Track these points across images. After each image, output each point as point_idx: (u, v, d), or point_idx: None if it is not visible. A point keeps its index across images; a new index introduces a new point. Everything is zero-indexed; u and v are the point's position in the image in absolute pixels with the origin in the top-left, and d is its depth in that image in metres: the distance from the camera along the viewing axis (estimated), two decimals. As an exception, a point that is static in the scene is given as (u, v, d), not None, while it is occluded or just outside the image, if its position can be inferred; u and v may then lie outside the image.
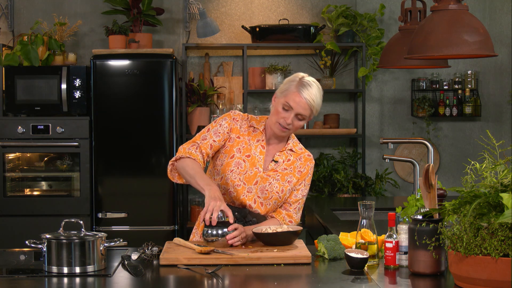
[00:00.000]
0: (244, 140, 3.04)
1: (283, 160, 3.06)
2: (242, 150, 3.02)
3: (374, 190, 5.78)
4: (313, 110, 2.94)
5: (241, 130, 3.06)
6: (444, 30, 3.01)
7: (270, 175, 3.02)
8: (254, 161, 3.01)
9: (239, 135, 3.05)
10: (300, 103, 2.91)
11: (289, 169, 3.06)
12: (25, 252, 2.97)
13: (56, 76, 5.29)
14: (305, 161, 3.10)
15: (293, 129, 2.99)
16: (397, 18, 5.38)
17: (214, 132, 3.03)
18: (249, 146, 3.03)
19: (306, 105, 2.91)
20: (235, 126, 3.05)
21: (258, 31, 5.72)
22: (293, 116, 2.93)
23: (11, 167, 5.37)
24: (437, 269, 2.42)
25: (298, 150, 3.10)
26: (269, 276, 2.52)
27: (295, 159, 3.08)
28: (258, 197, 3.01)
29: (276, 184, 3.02)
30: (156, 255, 2.73)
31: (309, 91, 2.92)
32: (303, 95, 2.91)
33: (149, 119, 5.25)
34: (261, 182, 3.01)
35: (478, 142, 5.61)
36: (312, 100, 2.92)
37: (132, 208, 5.25)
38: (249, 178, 3.00)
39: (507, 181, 2.23)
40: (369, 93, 6.05)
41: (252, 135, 3.05)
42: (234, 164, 3.00)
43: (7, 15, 5.82)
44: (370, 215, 2.67)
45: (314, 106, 2.93)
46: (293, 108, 2.92)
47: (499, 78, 6.07)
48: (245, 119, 3.09)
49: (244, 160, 3.01)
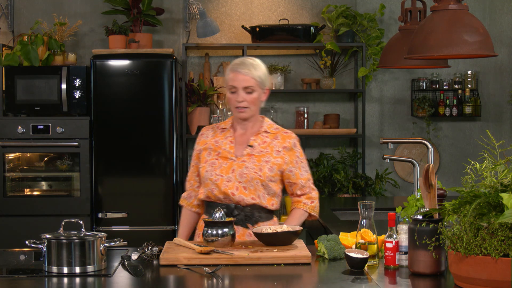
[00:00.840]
0: (211, 142, 3.18)
1: (259, 143, 3.14)
2: (212, 152, 3.15)
3: (374, 190, 5.78)
4: (255, 78, 3.08)
5: (207, 138, 3.21)
6: (444, 30, 3.01)
7: (245, 160, 3.10)
8: (226, 155, 3.12)
9: (206, 142, 3.20)
10: (238, 78, 3.08)
11: (265, 150, 3.12)
12: (25, 252, 2.97)
13: (56, 76, 5.28)
14: (283, 138, 3.17)
15: (251, 105, 3.10)
16: (397, 18, 5.38)
17: (192, 159, 3.27)
18: (217, 146, 3.16)
19: (245, 77, 3.07)
20: (202, 140, 3.23)
21: (258, 31, 5.72)
22: (242, 93, 3.08)
23: (11, 167, 5.37)
24: (437, 269, 2.42)
25: (274, 131, 3.19)
26: (269, 276, 2.52)
27: (271, 140, 3.16)
28: (239, 182, 3.06)
29: (253, 166, 3.08)
30: (156, 255, 2.73)
31: (243, 65, 3.10)
32: (238, 70, 3.09)
33: (149, 119, 5.25)
34: (238, 168, 3.08)
35: (478, 142, 5.61)
36: (248, 69, 3.08)
37: (132, 208, 5.25)
38: (224, 169, 3.09)
39: (507, 181, 2.23)
40: (369, 93, 6.05)
41: (220, 135, 3.19)
42: (209, 165, 3.13)
43: (7, 15, 5.82)
44: (370, 215, 2.67)
45: (254, 74, 3.08)
46: (236, 86, 3.08)
47: (499, 78, 6.07)
48: (212, 127, 3.27)
49: (216, 159, 3.13)
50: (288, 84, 5.99)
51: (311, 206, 3.17)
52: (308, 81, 5.88)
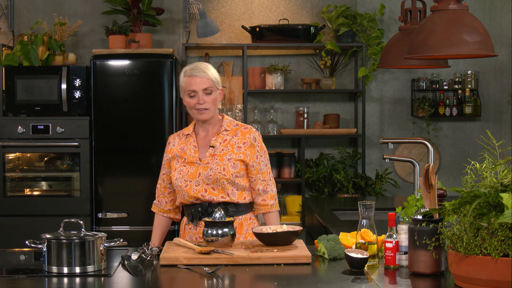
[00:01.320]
0: (177, 150, 3.25)
1: (220, 142, 3.20)
2: (179, 159, 3.23)
3: (374, 190, 5.78)
4: (212, 79, 3.15)
5: (174, 146, 3.28)
6: (444, 30, 3.01)
7: (209, 162, 3.16)
8: (191, 160, 3.19)
9: (172, 150, 3.27)
10: (196, 81, 3.13)
11: (226, 148, 3.18)
12: (25, 252, 2.97)
13: (56, 76, 5.28)
14: (243, 135, 3.22)
15: (211, 105, 3.16)
16: (397, 18, 5.38)
17: (162, 168, 3.35)
18: (182, 152, 3.23)
19: (202, 79, 3.14)
20: (169, 148, 3.30)
21: (258, 31, 5.72)
22: (201, 94, 3.13)
23: (11, 167, 5.37)
24: (437, 269, 2.42)
25: (233, 128, 3.25)
26: (269, 276, 2.52)
27: (231, 137, 3.21)
28: (206, 184, 3.14)
29: (217, 166, 3.14)
30: (156, 255, 2.73)
31: (197, 69, 3.16)
32: (194, 74, 3.14)
33: (149, 119, 5.25)
34: (203, 171, 3.15)
35: (478, 142, 5.61)
36: (204, 72, 3.15)
37: (132, 208, 5.25)
38: (191, 174, 3.16)
39: (507, 181, 2.23)
40: (369, 93, 6.05)
41: (185, 142, 3.25)
42: (177, 172, 3.21)
43: (7, 15, 5.82)
44: (370, 215, 2.67)
45: (209, 75, 3.15)
46: (195, 89, 3.13)
47: (499, 78, 6.07)
48: (177, 134, 3.33)
49: (184, 165, 3.20)
50: (288, 84, 5.99)
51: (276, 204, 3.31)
52: (308, 81, 5.88)
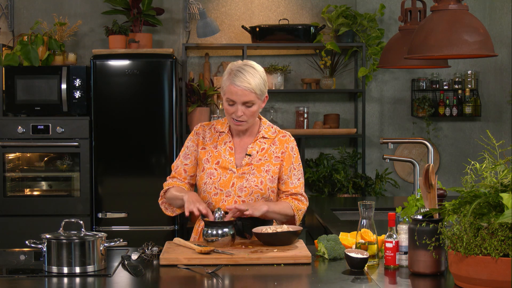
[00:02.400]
0: (210, 149, 3.04)
1: (257, 151, 3.02)
2: (211, 159, 3.02)
3: (374, 190, 5.78)
4: (256, 91, 2.90)
5: (206, 140, 3.06)
6: (444, 30, 3.01)
7: (245, 171, 2.99)
8: (226, 165, 3.00)
9: (204, 146, 3.05)
10: (238, 92, 2.89)
11: (263, 158, 3.01)
12: (25, 252, 2.96)
13: (56, 76, 5.29)
14: (281, 143, 3.04)
15: (250, 118, 2.95)
16: (397, 18, 5.38)
17: (184, 157, 3.10)
18: (216, 153, 3.02)
19: (244, 92, 2.88)
20: (199, 139, 3.07)
21: (258, 31, 5.72)
22: (241, 107, 2.91)
23: (11, 167, 5.37)
24: (437, 269, 2.42)
25: (271, 135, 3.06)
26: (269, 276, 2.52)
27: (269, 145, 3.04)
28: (238, 196, 2.98)
29: (254, 178, 2.98)
30: (156, 255, 2.73)
31: (241, 78, 2.89)
32: (237, 84, 2.88)
33: (149, 119, 5.25)
34: (238, 182, 2.98)
35: (478, 142, 5.62)
36: (248, 83, 2.88)
37: (132, 208, 5.25)
38: (224, 183, 2.99)
39: (507, 181, 2.23)
40: (369, 93, 6.05)
41: (219, 140, 3.05)
42: (207, 176, 3.01)
43: (7, 15, 5.82)
44: (370, 215, 2.67)
45: (253, 88, 2.89)
46: (235, 100, 2.90)
47: (499, 78, 6.07)
48: (208, 127, 3.09)
49: (215, 169, 3.00)
50: (288, 84, 5.99)
51: (297, 206, 3.04)
52: (308, 81, 5.88)
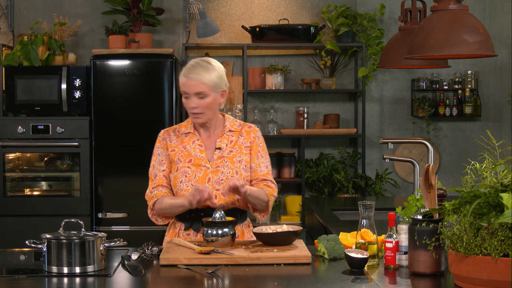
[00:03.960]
0: (179, 149, 3.07)
1: (226, 144, 3.07)
2: (182, 159, 3.04)
3: (374, 190, 5.78)
4: (207, 83, 2.98)
5: (172, 142, 3.10)
6: (444, 30, 3.01)
7: (218, 165, 3.02)
8: (199, 162, 3.03)
9: (173, 148, 3.08)
10: (189, 84, 2.98)
11: (234, 150, 3.07)
12: (25, 252, 2.97)
13: (56, 76, 5.29)
14: (248, 134, 3.11)
15: (206, 110, 3.01)
16: (397, 18, 5.38)
17: (159, 163, 3.11)
18: (186, 152, 3.05)
19: (196, 83, 2.97)
20: (166, 143, 3.10)
21: (258, 31, 5.72)
22: (194, 98, 2.99)
23: (11, 167, 5.37)
24: (437, 269, 2.42)
25: (237, 128, 3.12)
26: (269, 276, 2.52)
27: (237, 137, 3.09)
28: (216, 190, 3.00)
29: (228, 170, 3.02)
30: (156, 255, 2.73)
31: (194, 70, 2.98)
32: (189, 76, 2.98)
33: (149, 119, 5.25)
34: (213, 176, 3.01)
35: (478, 142, 5.61)
36: (198, 74, 2.97)
37: (132, 208, 5.25)
38: (200, 179, 3.01)
39: (507, 181, 2.23)
40: (369, 93, 6.05)
41: (186, 140, 3.08)
42: (181, 174, 3.02)
43: (7, 15, 5.82)
44: (370, 215, 2.67)
45: (204, 79, 2.97)
46: (188, 92, 2.99)
47: (499, 78, 6.07)
48: (172, 130, 3.15)
49: (188, 167, 3.03)
50: (288, 84, 5.99)
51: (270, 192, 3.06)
52: (308, 81, 5.88)
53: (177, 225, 3.12)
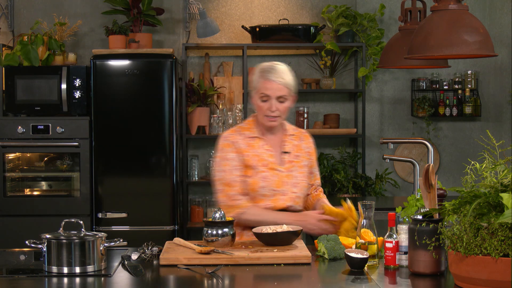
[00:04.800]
0: (252, 153, 3.06)
1: (291, 148, 3.12)
2: (258, 163, 3.04)
3: (374, 190, 5.78)
4: (288, 87, 3.01)
5: (242, 146, 3.07)
6: (444, 30, 3.01)
7: (291, 169, 3.08)
8: (272, 166, 3.06)
9: (246, 151, 3.06)
10: (273, 87, 2.98)
11: (300, 154, 3.13)
12: (25, 252, 2.97)
13: (56, 76, 5.29)
14: (306, 139, 3.19)
15: (282, 113, 3.04)
16: (397, 18, 5.38)
17: (233, 169, 3.04)
18: (258, 157, 3.06)
19: (279, 86, 2.98)
20: (238, 147, 3.06)
21: (258, 31, 5.72)
22: (274, 102, 2.99)
23: (11, 167, 5.37)
24: (437, 269, 2.42)
25: (296, 132, 3.19)
26: (269, 276, 2.52)
27: (298, 142, 3.16)
28: (293, 193, 3.06)
29: (299, 174, 3.10)
30: (156, 255, 2.73)
31: (274, 73, 2.99)
32: (272, 78, 2.97)
33: (149, 119, 5.25)
34: (288, 180, 3.06)
35: (478, 142, 5.61)
36: (282, 78, 2.99)
37: (132, 208, 5.25)
38: (277, 183, 3.05)
39: (507, 181, 2.23)
40: (369, 93, 6.05)
41: (254, 144, 3.08)
42: (261, 180, 3.03)
43: (7, 15, 5.82)
44: (370, 215, 2.67)
45: (286, 82, 3.00)
46: (270, 94, 2.98)
47: (499, 78, 6.07)
48: (237, 133, 3.10)
49: (265, 171, 3.05)
50: (288, 84, 5.98)
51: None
52: (308, 81, 5.88)
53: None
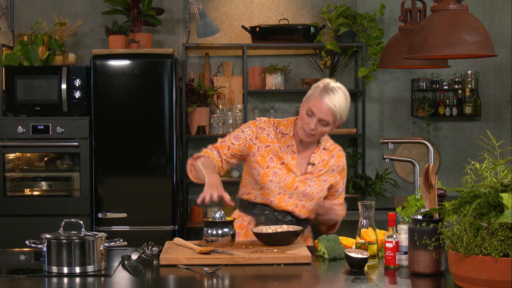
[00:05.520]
0: (274, 147, 3.05)
1: (319, 162, 3.10)
2: (275, 158, 3.05)
3: (374, 190, 5.78)
4: (336, 116, 2.94)
5: (269, 137, 3.07)
6: (444, 30, 3.01)
7: (308, 178, 3.06)
8: (290, 167, 3.05)
9: (268, 143, 3.06)
10: (321, 108, 2.92)
11: (324, 169, 3.10)
12: (25, 252, 2.97)
13: (56, 76, 5.28)
14: (338, 158, 3.15)
15: (318, 135, 3.01)
16: (397, 18, 5.38)
17: (234, 137, 3.08)
18: (281, 153, 3.05)
19: (328, 111, 2.92)
20: (262, 135, 3.07)
21: (258, 31, 5.72)
22: (316, 122, 2.95)
23: (11, 167, 5.37)
24: (437, 269, 2.42)
25: (330, 147, 3.15)
26: (269, 276, 2.52)
27: (329, 157, 3.13)
28: (299, 200, 3.06)
29: (315, 186, 3.08)
30: (156, 255, 2.73)
31: (332, 97, 2.92)
32: (325, 101, 2.92)
33: (149, 119, 5.25)
34: (301, 186, 3.06)
35: (478, 142, 5.61)
36: (334, 106, 2.92)
37: (132, 208, 5.25)
38: (288, 184, 3.04)
39: (507, 181, 2.23)
40: (369, 93, 6.05)
41: (282, 141, 3.07)
42: (272, 174, 3.03)
43: (7, 15, 5.82)
44: (370, 215, 2.67)
45: (336, 112, 2.93)
46: (315, 113, 2.94)
47: (499, 78, 6.07)
48: (271, 124, 3.10)
49: (280, 168, 3.04)
50: (288, 84, 5.99)
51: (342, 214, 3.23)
52: (308, 81, 5.88)
53: (246, 219, 3.14)
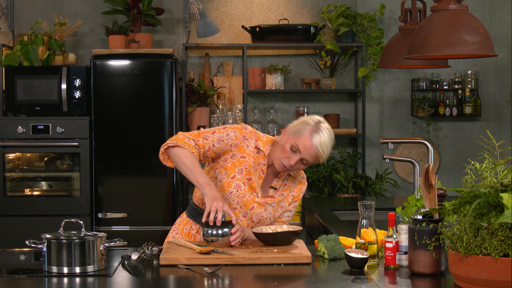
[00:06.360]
0: (249, 161, 2.96)
1: (280, 186, 3.06)
2: (244, 172, 2.95)
3: (374, 190, 5.78)
4: (319, 159, 2.91)
5: (247, 149, 2.97)
6: (444, 30, 3.01)
7: (267, 202, 3.00)
8: (254, 186, 2.97)
9: (244, 155, 2.97)
10: (309, 149, 2.87)
11: (285, 194, 3.06)
12: (25, 252, 2.97)
13: (56, 76, 5.29)
14: (299, 185, 3.10)
15: (295, 171, 3.00)
16: (397, 18, 5.38)
17: (218, 139, 2.94)
18: (252, 169, 2.96)
19: (314, 153, 2.87)
20: (242, 144, 2.97)
21: (258, 31, 5.72)
22: (298, 160, 2.89)
23: (11, 167, 5.37)
24: (437, 269, 2.42)
25: (295, 173, 3.08)
26: (269, 276, 2.52)
27: (291, 183, 3.08)
28: (252, 221, 3.00)
29: (271, 211, 3.02)
30: (156, 255, 2.73)
31: (321, 140, 2.87)
32: (314, 143, 2.86)
33: (149, 119, 5.25)
34: (257, 208, 2.99)
35: (478, 142, 5.62)
36: (322, 150, 2.87)
37: (132, 208, 5.25)
38: (246, 202, 2.97)
39: (507, 181, 2.23)
40: (369, 93, 6.05)
41: (256, 156, 2.98)
42: (234, 186, 2.95)
43: (7, 15, 5.82)
44: (370, 215, 2.67)
45: (322, 156, 2.89)
46: (301, 152, 2.88)
47: (499, 78, 6.07)
48: (254, 136, 3.00)
49: (244, 183, 2.95)
50: (288, 84, 5.99)
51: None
52: (308, 81, 5.88)
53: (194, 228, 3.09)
